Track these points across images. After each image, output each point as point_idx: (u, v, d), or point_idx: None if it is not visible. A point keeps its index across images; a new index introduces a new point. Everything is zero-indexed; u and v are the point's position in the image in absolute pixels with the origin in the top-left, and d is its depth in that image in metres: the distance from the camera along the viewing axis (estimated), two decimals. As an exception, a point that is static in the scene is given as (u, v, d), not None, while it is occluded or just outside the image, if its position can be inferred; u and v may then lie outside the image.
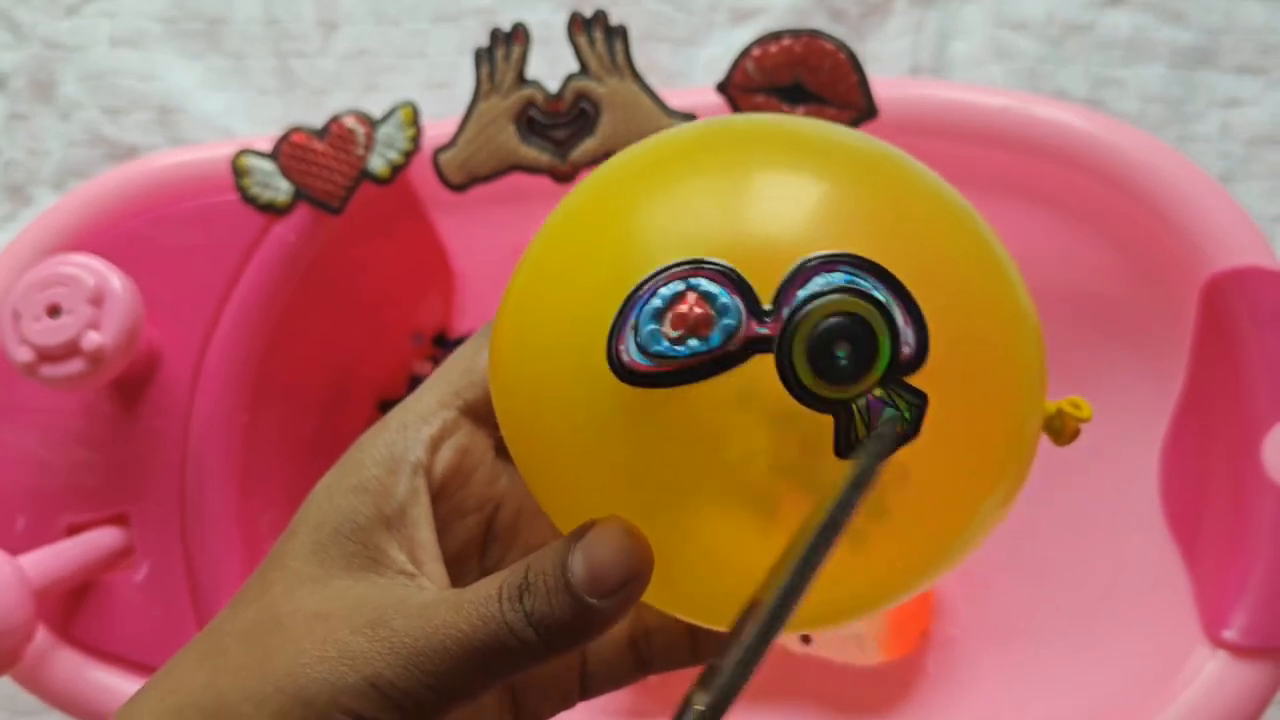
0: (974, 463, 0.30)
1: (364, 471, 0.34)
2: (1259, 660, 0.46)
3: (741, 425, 0.27)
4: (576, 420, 0.29)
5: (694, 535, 0.29)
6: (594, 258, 0.29)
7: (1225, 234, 0.49)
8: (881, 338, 0.26)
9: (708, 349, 0.26)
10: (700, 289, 0.26)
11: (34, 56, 0.73)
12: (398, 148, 0.53)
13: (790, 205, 0.28)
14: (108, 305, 0.50)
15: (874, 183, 0.30)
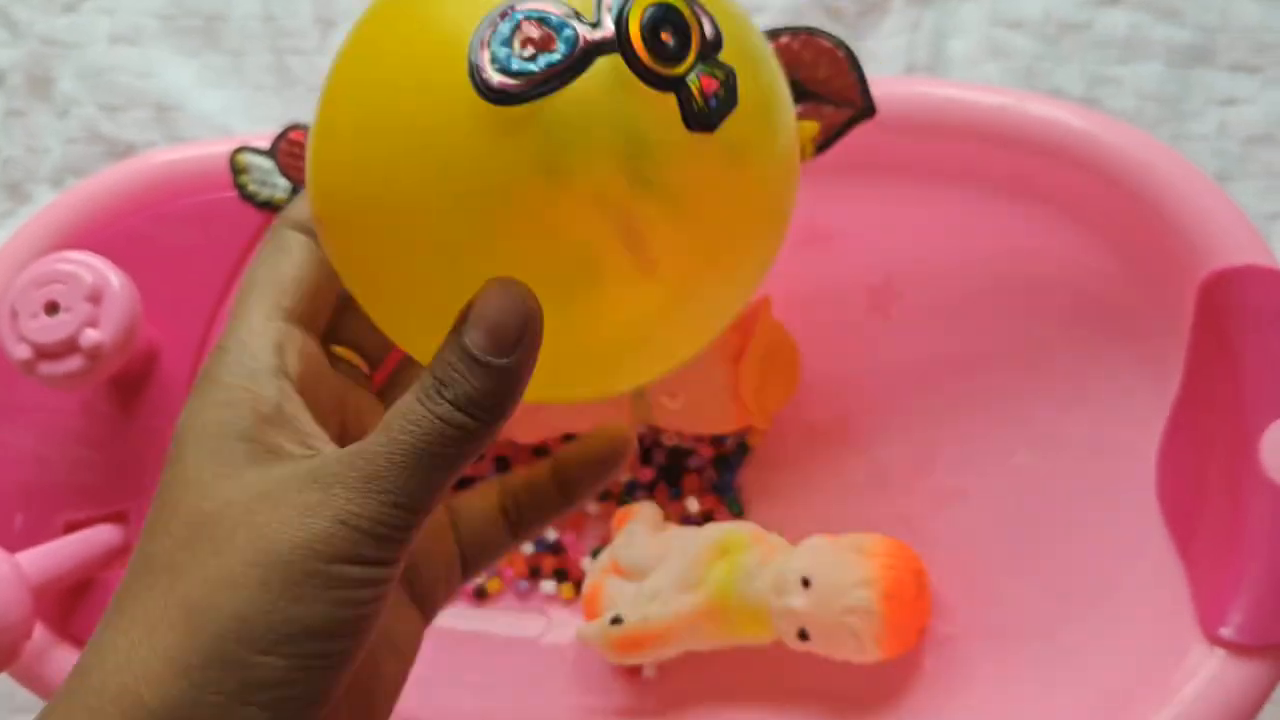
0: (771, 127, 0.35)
1: (223, 388, 0.34)
2: (1256, 658, 0.46)
3: (597, 132, 0.31)
4: (441, 157, 0.31)
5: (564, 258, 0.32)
6: (420, 24, 0.32)
7: (1222, 232, 0.49)
8: (692, 20, 0.31)
9: (560, 59, 0.30)
10: (533, 15, 0.30)
11: (31, 53, 0.73)
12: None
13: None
14: (106, 303, 0.50)
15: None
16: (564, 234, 0.31)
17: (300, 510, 0.31)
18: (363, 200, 0.33)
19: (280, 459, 0.33)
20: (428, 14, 0.32)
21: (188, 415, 0.34)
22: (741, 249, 0.35)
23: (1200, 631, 0.48)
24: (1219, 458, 0.49)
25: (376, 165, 0.32)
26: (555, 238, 0.31)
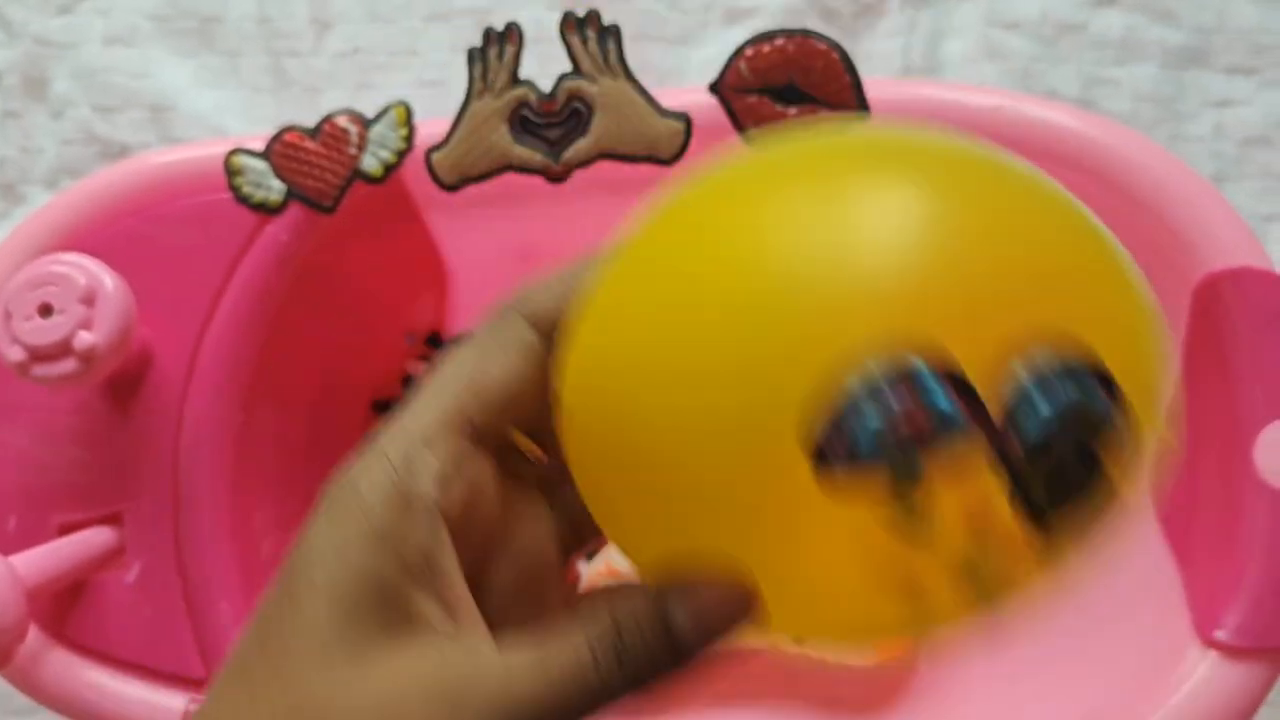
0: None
1: (374, 516, 0.29)
2: (1251, 661, 0.46)
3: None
4: (734, 489, 0.26)
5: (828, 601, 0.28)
6: (753, 302, 0.25)
7: (1218, 235, 0.49)
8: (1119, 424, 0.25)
9: (920, 448, 0.24)
10: (923, 398, 0.24)
11: (26, 54, 0.73)
12: (390, 147, 0.53)
13: (985, 264, 0.25)
14: (100, 304, 0.50)
15: (1043, 223, 0.28)
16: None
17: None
18: (631, 440, 0.27)
19: (412, 632, 0.28)
20: (762, 274, 0.25)
21: (319, 536, 0.29)
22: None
23: (1195, 634, 0.48)
24: (1214, 460, 0.49)
25: (661, 425, 0.27)
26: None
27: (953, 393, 0.24)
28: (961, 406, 0.24)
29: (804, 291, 0.25)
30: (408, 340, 0.69)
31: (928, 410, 0.23)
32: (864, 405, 0.24)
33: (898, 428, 0.23)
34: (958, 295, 0.24)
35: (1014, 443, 0.24)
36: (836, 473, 0.24)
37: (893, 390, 0.24)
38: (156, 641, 0.52)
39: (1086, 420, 0.24)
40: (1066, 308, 0.25)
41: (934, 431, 0.24)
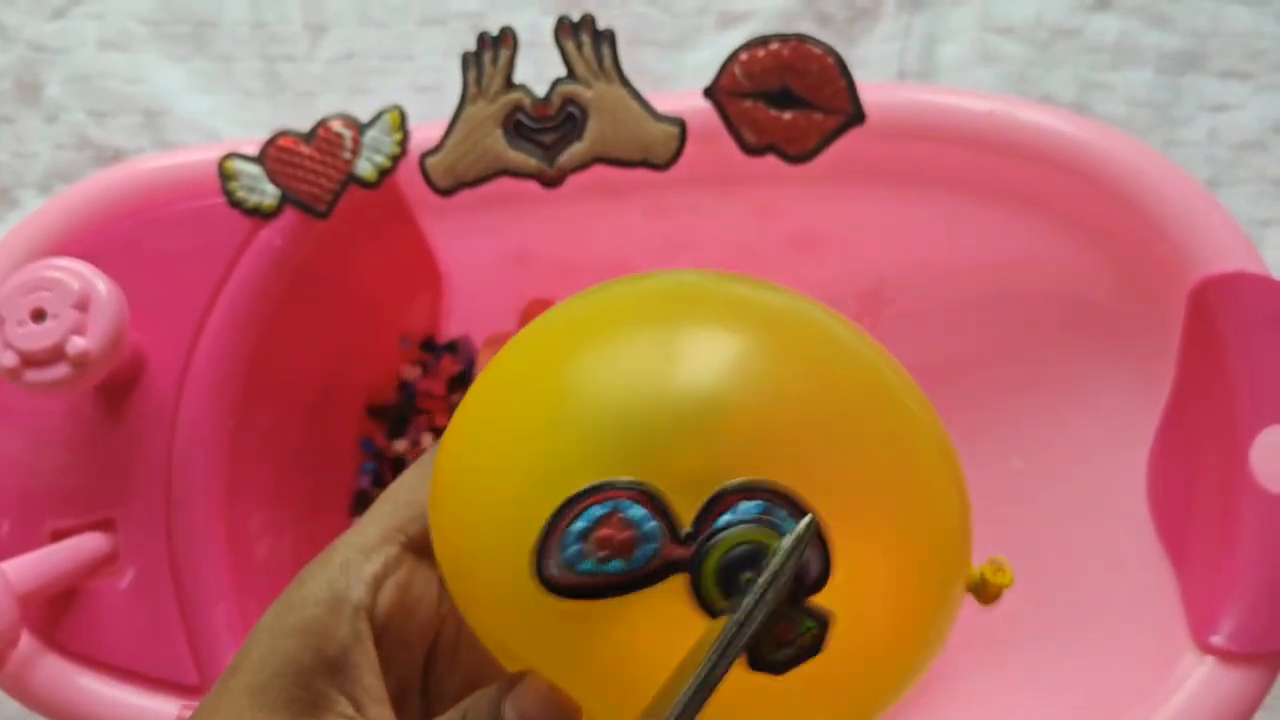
0: (891, 638, 0.31)
1: (305, 611, 0.33)
2: (1247, 666, 0.46)
3: (658, 634, 0.29)
4: (505, 608, 0.30)
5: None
6: (524, 451, 0.30)
7: (1213, 239, 0.49)
8: (786, 579, 0.28)
9: (629, 569, 0.28)
10: (625, 513, 0.28)
11: (19, 59, 0.73)
12: (385, 152, 0.53)
13: (710, 423, 0.30)
14: (93, 310, 0.50)
15: (793, 376, 0.31)
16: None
17: None
18: (456, 573, 0.32)
19: (316, 716, 0.32)
20: (535, 427, 0.31)
21: (265, 624, 0.33)
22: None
23: (1191, 638, 0.48)
24: (1210, 464, 0.49)
25: (462, 563, 0.32)
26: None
27: (652, 509, 0.28)
28: (657, 518, 0.28)
29: (558, 454, 0.30)
30: (402, 344, 0.68)
31: (627, 522, 0.28)
32: (573, 522, 0.29)
33: (601, 536, 0.28)
34: (676, 457, 0.29)
35: (704, 555, 0.28)
36: (555, 585, 0.29)
37: (595, 508, 0.29)
38: (150, 647, 0.52)
39: (760, 531, 0.28)
40: (823, 458, 0.30)
41: (635, 540, 0.28)
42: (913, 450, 0.32)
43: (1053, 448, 0.57)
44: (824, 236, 0.58)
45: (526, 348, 0.33)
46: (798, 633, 0.29)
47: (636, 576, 0.28)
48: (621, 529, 0.28)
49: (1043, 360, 0.57)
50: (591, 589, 0.29)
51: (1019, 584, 0.56)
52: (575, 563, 0.29)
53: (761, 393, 0.30)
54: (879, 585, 0.30)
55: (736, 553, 0.28)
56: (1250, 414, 0.47)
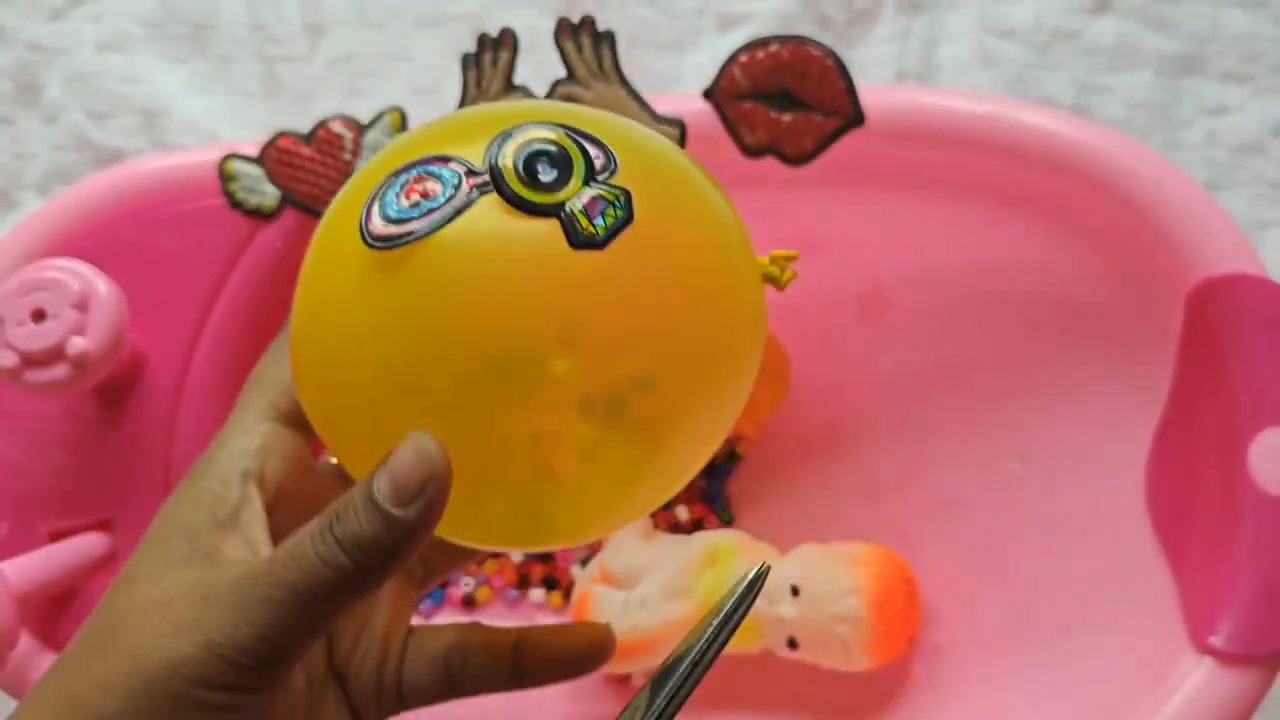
0: (696, 295, 0.34)
1: (197, 487, 0.36)
2: (1245, 667, 0.46)
3: (488, 268, 0.31)
4: (338, 301, 0.33)
5: (477, 419, 0.32)
6: (347, 198, 0.34)
7: (1212, 241, 0.49)
8: (574, 152, 0.32)
9: (440, 201, 0.31)
10: (428, 169, 0.32)
11: (18, 60, 0.73)
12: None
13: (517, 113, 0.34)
14: (93, 310, 0.50)
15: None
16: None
17: (176, 627, 0.32)
18: (312, 364, 0.34)
19: (212, 563, 0.34)
20: (354, 186, 0.34)
21: (167, 502, 0.36)
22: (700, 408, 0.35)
23: (1190, 640, 0.48)
24: (1208, 466, 0.49)
25: (313, 332, 0.34)
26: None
27: (446, 162, 0.32)
28: (452, 166, 0.32)
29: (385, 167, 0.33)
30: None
31: (427, 175, 0.32)
32: (386, 185, 0.32)
33: (406, 193, 0.31)
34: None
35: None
36: (372, 232, 0.31)
37: (402, 174, 0.32)
38: (148, 648, 0.52)
39: (545, 132, 0.32)
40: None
41: (438, 186, 0.31)
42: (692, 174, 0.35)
43: (1051, 450, 0.57)
44: (823, 238, 0.58)
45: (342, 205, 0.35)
46: (605, 204, 0.31)
47: (445, 205, 0.31)
48: (424, 180, 0.31)
49: (1041, 362, 0.57)
50: (408, 233, 0.31)
51: (1018, 587, 0.56)
52: (390, 210, 0.31)
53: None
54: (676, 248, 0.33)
55: (529, 150, 0.31)
56: (1249, 416, 0.47)
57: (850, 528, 0.60)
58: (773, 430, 0.63)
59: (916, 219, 0.56)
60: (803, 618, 0.54)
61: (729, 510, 0.64)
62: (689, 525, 0.64)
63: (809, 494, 0.62)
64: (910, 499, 0.60)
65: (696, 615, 0.56)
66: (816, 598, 0.54)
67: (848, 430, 0.62)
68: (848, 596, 0.53)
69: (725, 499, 0.64)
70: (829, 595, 0.54)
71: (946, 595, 0.58)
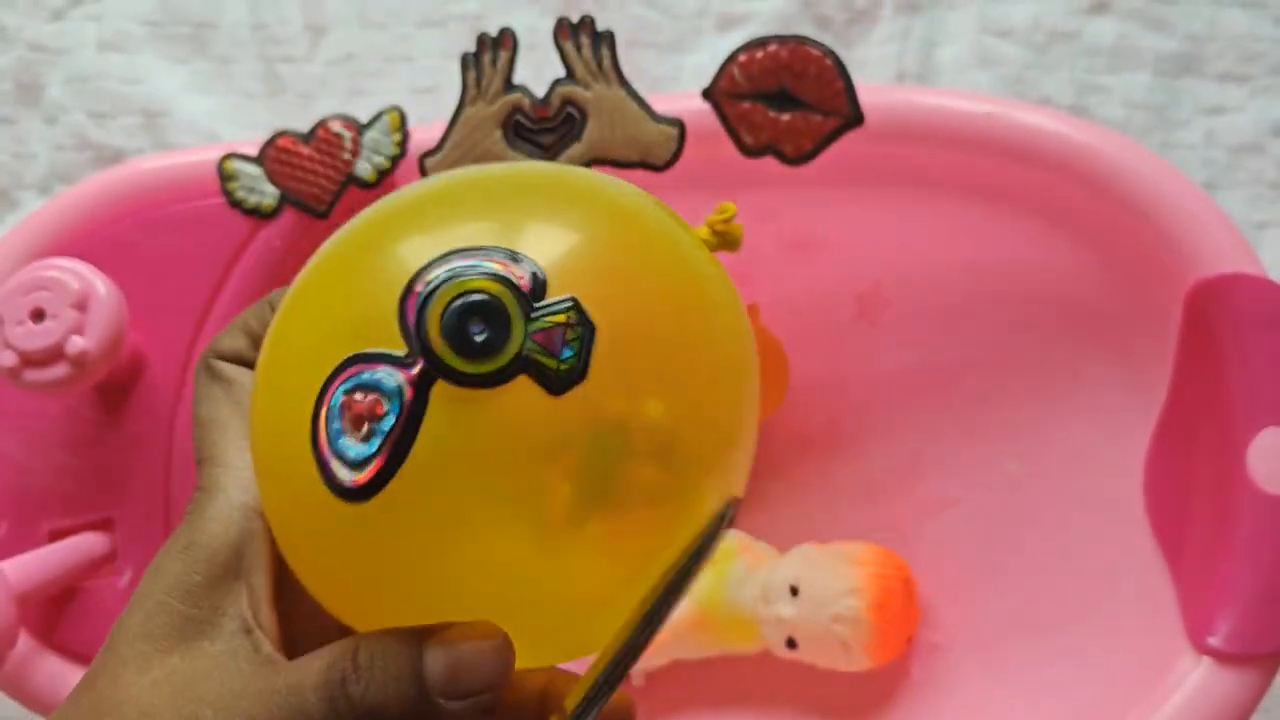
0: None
1: (194, 528, 0.32)
2: (1244, 667, 0.46)
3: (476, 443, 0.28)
4: (327, 555, 0.30)
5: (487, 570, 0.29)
6: (291, 360, 0.30)
7: (1210, 241, 0.49)
8: (503, 296, 0.27)
9: (389, 425, 0.27)
10: (359, 383, 0.27)
11: (19, 60, 0.73)
12: (384, 153, 0.53)
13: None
14: (92, 310, 0.50)
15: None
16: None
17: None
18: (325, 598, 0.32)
19: (208, 634, 0.31)
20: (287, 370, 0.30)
21: (158, 554, 0.32)
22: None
23: (1188, 640, 0.48)
24: (1206, 466, 0.49)
25: (311, 576, 0.31)
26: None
27: (376, 364, 0.27)
28: (383, 365, 0.27)
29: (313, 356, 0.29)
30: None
31: (361, 388, 0.27)
32: (329, 411, 0.28)
33: (353, 414, 0.27)
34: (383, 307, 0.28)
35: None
36: (350, 488, 0.28)
37: (331, 401, 0.28)
38: (148, 647, 0.52)
39: (461, 283, 0.28)
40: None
41: (377, 397, 0.27)
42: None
43: (1049, 450, 0.57)
44: (822, 238, 0.58)
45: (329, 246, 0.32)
46: (560, 329, 0.27)
47: (404, 419, 0.27)
48: (360, 398, 0.27)
49: (1040, 362, 0.57)
50: (381, 472, 0.27)
51: (1016, 587, 0.56)
52: (346, 453, 0.27)
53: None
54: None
55: (452, 315, 0.27)
56: (1247, 415, 0.48)
57: (849, 527, 0.60)
58: (772, 430, 0.63)
59: (915, 219, 0.56)
60: (802, 618, 0.54)
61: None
62: (688, 525, 0.64)
63: (808, 494, 0.62)
64: (909, 499, 0.60)
65: (696, 615, 0.56)
66: (816, 598, 0.54)
67: (847, 430, 0.62)
68: (847, 596, 0.53)
69: (724, 499, 0.64)
70: (828, 595, 0.54)
71: (945, 595, 0.58)
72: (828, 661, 0.55)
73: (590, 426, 0.28)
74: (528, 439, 0.28)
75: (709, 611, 0.55)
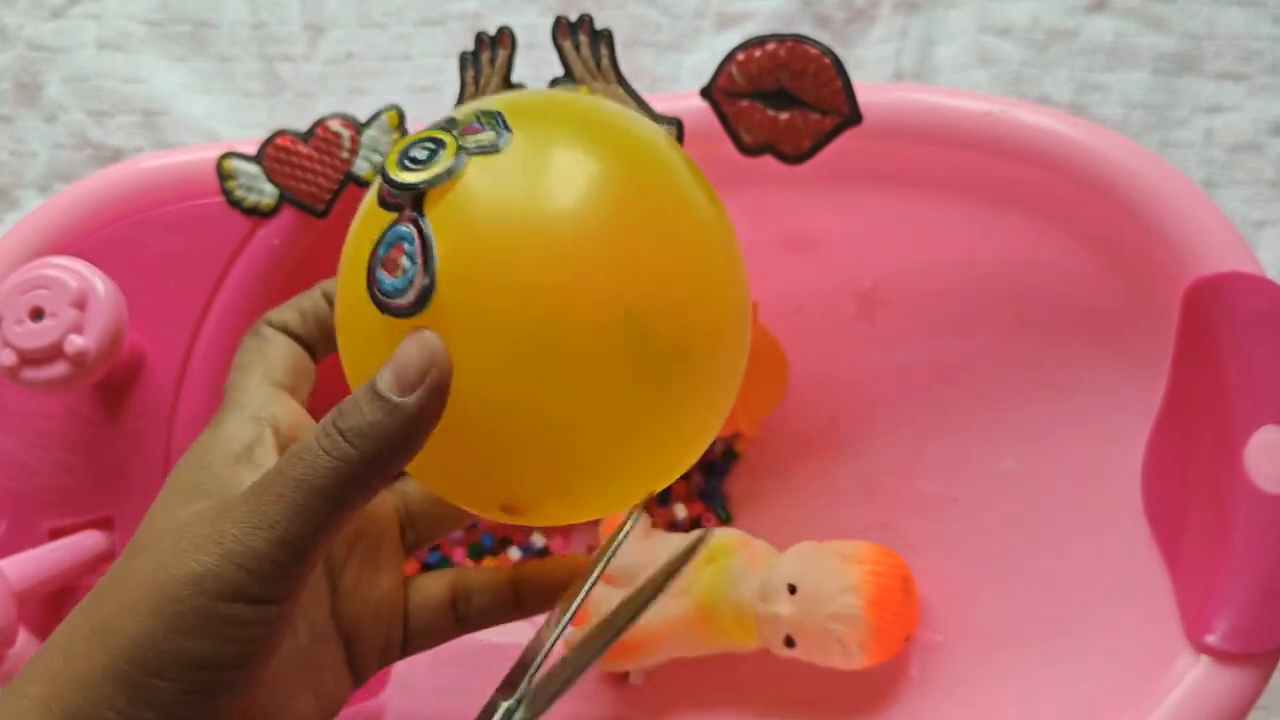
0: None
1: (209, 438, 0.38)
2: (1241, 666, 0.46)
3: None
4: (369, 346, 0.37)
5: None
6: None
7: (1208, 239, 0.49)
8: (436, 134, 0.37)
9: (413, 271, 0.35)
10: (396, 237, 0.36)
11: (18, 59, 0.73)
12: (383, 151, 0.53)
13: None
14: (91, 308, 0.50)
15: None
16: None
17: (195, 544, 0.33)
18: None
19: (228, 490, 0.36)
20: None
21: (185, 454, 0.38)
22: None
23: (1186, 639, 0.48)
24: (1205, 464, 0.49)
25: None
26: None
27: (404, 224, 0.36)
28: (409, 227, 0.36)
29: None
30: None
31: (396, 244, 0.36)
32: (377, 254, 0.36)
33: (393, 270, 0.36)
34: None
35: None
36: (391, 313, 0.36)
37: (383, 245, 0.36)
38: (147, 646, 0.52)
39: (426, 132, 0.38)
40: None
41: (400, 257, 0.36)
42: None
43: (1048, 448, 0.57)
44: (820, 237, 0.58)
45: None
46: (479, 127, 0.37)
47: (419, 271, 0.35)
48: (397, 249, 0.36)
49: (1038, 361, 0.57)
50: (405, 304, 0.35)
51: (1015, 585, 0.56)
52: (385, 285, 0.36)
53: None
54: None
55: (405, 154, 0.37)
56: (1245, 414, 0.48)
57: (848, 526, 0.60)
58: (771, 429, 0.63)
59: (913, 217, 0.56)
60: (800, 616, 0.54)
61: (727, 509, 0.64)
62: (687, 524, 0.64)
63: (807, 492, 0.62)
64: (907, 497, 0.60)
65: (695, 613, 0.56)
66: (814, 596, 0.54)
67: (846, 428, 0.62)
68: (845, 595, 0.53)
69: (723, 497, 0.64)
70: (826, 594, 0.54)
71: (943, 593, 0.58)
72: (826, 660, 0.55)
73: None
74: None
75: (707, 609, 0.56)
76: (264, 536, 0.33)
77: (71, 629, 0.34)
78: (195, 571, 0.32)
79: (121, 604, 0.33)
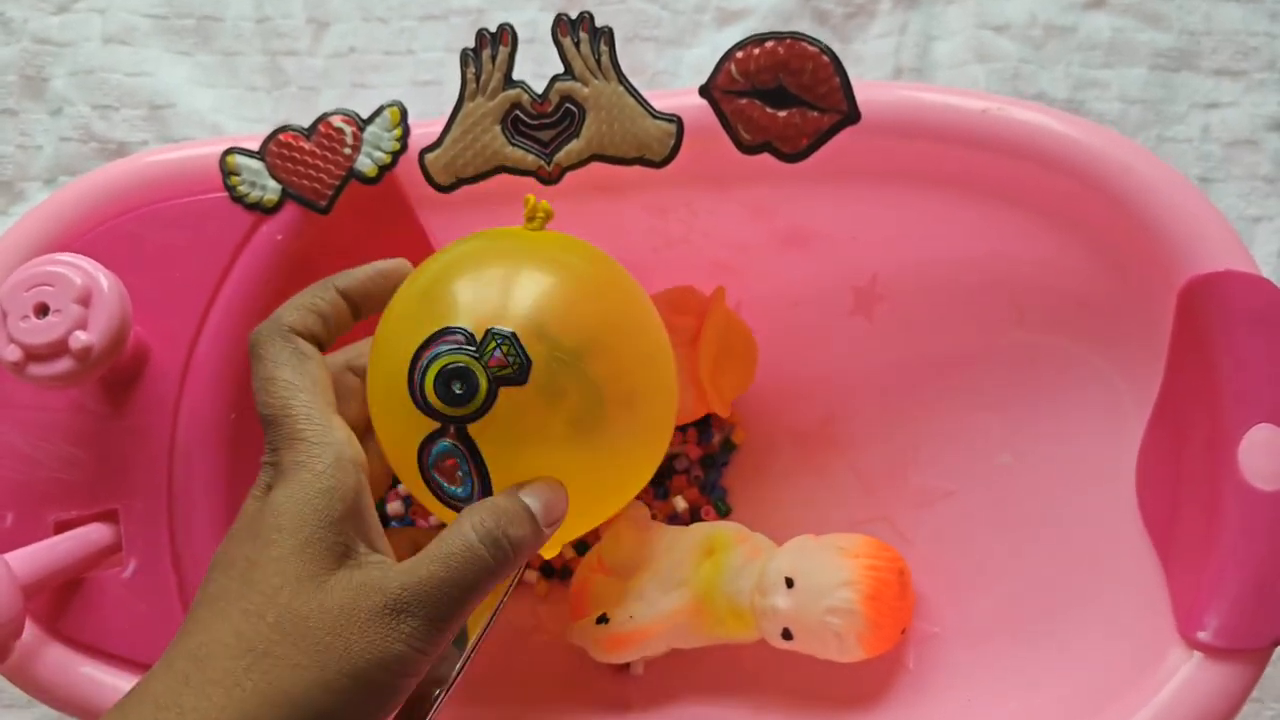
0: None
1: (317, 476, 0.41)
2: (1233, 661, 0.47)
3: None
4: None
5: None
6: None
7: (1203, 237, 0.49)
8: (473, 366, 0.42)
9: (469, 479, 0.43)
10: (446, 452, 0.43)
11: (24, 52, 0.73)
12: (384, 148, 0.54)
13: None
14: (96, 305, 0.50)
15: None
16: None
17: (383, 636, 0.39)
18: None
19: (351, 558, 0.40)
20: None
21: (286, 499, 0.41)
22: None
23: (1178, 634, 0.48)
24: (1198, 461, 0.49)
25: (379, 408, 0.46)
26: None
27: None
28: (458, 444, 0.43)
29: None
30: (403, 338, 0.69)
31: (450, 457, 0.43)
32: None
33: (452, 481, 0.43)
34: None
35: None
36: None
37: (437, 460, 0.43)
38: (152, 637, 0.53)
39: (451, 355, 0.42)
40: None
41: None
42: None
43: (1042, 444, 0.57)
44: (818, 234, 0.59)
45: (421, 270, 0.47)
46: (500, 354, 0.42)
47: (473, 476, 0.43)
48: (451, 461, 0.43)
49: (1034, 357, 0.57)
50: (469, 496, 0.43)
51: (1010, 579, 0.57)
52: (453, 491, 0.43)
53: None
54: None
55: (442, 373, 0.42)
56: (1238, 412, 0.48)
57: (845, 519, 0.60)
58: (768, 423, 0.63)
59: (910, 214, 0.56)
60: (797, 609, 0.54)
61: (726, 501, 0.64)
62: (686, 516, 0.64)
63: (804, 486, 0.63)
64: (904, 491, 0.60)
65: (693, 605, 0.56)
66: (811, 589, 0.54)
67: (843, 423, 0.62)
68: (841, 588, 0.54)
69: (723, 490, 0.65)
70: (823, 587, 0.54)
71: (939, 586, 0.58)
72: (823, 652, 0.55)
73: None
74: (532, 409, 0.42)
75: (706, 602, 0.56)
76: (438, 629, 0.40)
77: (235, 686, 0.38)
78: (385, 659, 0.39)
79: (314, 681, 0.38)
